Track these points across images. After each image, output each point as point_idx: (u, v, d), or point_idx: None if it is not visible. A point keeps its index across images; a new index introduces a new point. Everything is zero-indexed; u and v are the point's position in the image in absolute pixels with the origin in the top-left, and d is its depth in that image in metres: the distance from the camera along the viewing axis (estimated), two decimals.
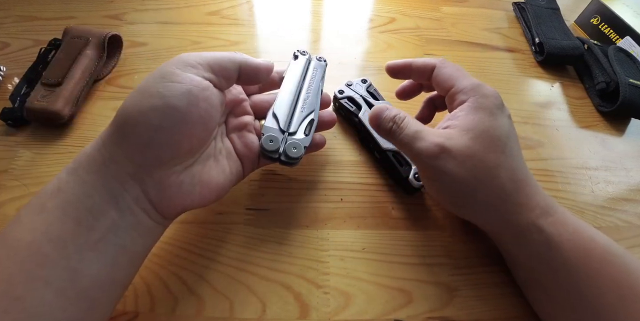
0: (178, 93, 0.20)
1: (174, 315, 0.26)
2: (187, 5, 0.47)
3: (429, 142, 0.24)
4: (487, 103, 0.25)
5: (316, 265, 0.28)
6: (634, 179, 0.36)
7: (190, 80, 0.21)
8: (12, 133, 0.34)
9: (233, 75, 0.24)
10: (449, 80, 0.27)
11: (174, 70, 0.21)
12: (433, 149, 0.24)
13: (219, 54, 0.24)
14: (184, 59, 0.22)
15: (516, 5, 0.51)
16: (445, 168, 0.24)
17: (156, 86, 0.20)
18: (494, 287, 0.28)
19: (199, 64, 0.22)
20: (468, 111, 0.25)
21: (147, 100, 0.20)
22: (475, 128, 0.24)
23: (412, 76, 0.31)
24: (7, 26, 0.43)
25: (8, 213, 0.30)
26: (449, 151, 0.24)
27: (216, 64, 0.23)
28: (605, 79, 0.41)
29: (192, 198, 0.23)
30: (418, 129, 0.25)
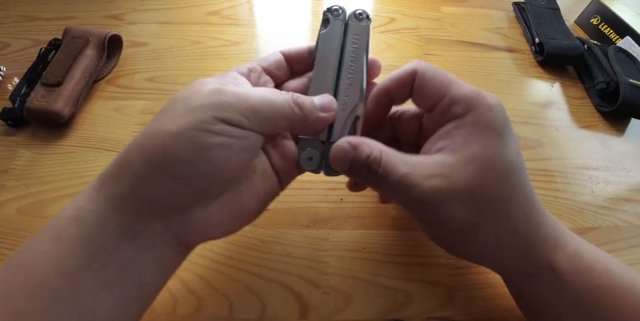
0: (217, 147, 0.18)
1: (174, 315, 0.26)
2: (187, 5, 0.47)
3: (424, 187, 0.19)
4: (492, 120, 0.20)
5: (316, 265, 0.28)
6: (634, 179, 0.36)
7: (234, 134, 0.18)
8: (12, 133, 0.34)
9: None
10: (439, 88, 0.21)
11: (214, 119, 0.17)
12: (432, 197, 0.19)
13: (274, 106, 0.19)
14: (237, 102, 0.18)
15: (516, 5, 0.51)
16: (449, 214, 0.19)
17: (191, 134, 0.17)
18: (494, 287, 0.28)
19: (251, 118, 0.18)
20: (469, 131, 0.20)
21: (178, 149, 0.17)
22: (480, 155, 0.19)
23: (394, 100, 0.24)
24: (7, 26, 0.43)
25: (8, 213, 0.30)
26: (451, 193, 0.19)
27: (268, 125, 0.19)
28: (605, 79, 0.41)
29: (221, 228, 0.20)
30: (404, 172, 0.19)
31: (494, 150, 0.20)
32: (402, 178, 0.19)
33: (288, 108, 0.19)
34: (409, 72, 0.22)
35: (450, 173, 0.19)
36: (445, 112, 0.21)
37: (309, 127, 0.21)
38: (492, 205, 0.20)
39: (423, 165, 0.20)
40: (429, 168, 0.20)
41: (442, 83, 0.21)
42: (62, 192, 0.31)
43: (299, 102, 0.20)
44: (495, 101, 0.21)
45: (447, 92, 0.21)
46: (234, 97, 0.18)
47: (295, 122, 0.20)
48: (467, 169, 0.19)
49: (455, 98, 0.21)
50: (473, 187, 0.19)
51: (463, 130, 0.20)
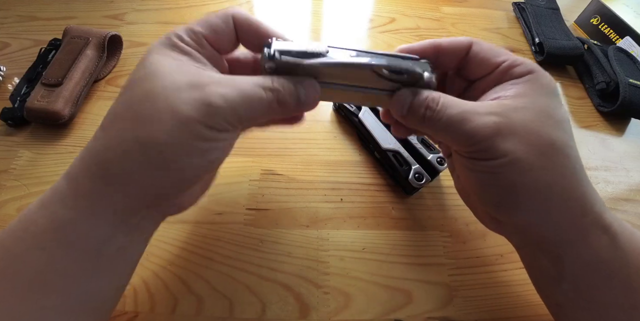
0: (216, 150, 0.19)
1: (174, 315, 0.26)
2: (187, 5, 0.47)
3: (481, 120, 0.19)
4: (550, 83, 0.21)
5: (316, 265, 0.28)
6: (634, 179, 0.36)
7: (227, 137, 0.19)
8: (12, 133, 0.34)
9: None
10: (497, 54, 0.22)
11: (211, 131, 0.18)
12: (489, 127, 0.19)
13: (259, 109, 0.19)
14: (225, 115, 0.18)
15: (516, 5, 0.51)
16: (505, 147, 0.19)
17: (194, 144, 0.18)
18: (494, 287, 0.28)
19: (239, 124, 0.19)
20: (528, 86, 0.21)
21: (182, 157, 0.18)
22: (540, 104, 0.20)
23: (439, 61, 0.24)
24: (7, 26, 0.43)
25: (8, 213, 0.30)
26: (509, 126, 0.19)
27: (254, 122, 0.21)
28: (605, 79, 0.41)
29: (195, 200, 0.23)
30: (462, 109, 0.20)
31: (553, 104, 0.20)
32: (460, 113, 0.20)
33: (270, 109, 0.19)
34: (465, 42, 0.23)
35: (509, 112, 0.19)
36: (505, 73, 0.21)
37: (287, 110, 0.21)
38: (548, 147, 0.19)
39: (481, 105, 0.20)
40: (488, 107, 0.20)
41: (500, 51, 0.22)
42: None
43: (283, 102, 0.20)
44: (546, 73, 0.21)
45: (507, 57, 0.22)
46: (220, 108, 0.18)
47: (276, 116, 0.21)
48: (527, 112, 0.19)
49: (517, 62, 0.21)
50: (532, 127, 0.19)
51: (522, 85, 0.21)
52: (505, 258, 0.30)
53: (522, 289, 0.28)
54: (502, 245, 0.30)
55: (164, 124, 0.17)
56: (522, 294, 0.28)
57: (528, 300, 0.28)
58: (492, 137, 0.19)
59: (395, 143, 0.32)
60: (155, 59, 0.19)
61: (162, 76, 0.18)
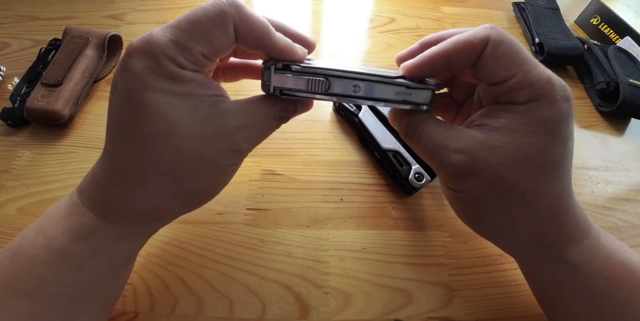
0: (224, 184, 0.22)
1: (174, 315, 0.26)
2: (187, 5, 0.47)
3: (448, 157, 0.20)
4: (548, 116, 0.19)
5: (316, 265, 0.28)
6: (633, 179, 0.36)
7: (236, 168, 0.22)
8: (12, 133, 0.34)
9: None
10: (509, 67, 0.19)
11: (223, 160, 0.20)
12: (452, 165, 0.20)
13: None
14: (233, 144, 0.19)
15: (516, 5, 0.51)
16: (465, 185, 0.20)
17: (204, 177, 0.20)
18: (494, 287, 0.28)
19: (248, 148, 0.21)
20: (519, 115, 0.19)
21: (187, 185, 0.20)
22: (518, 141, 0.19)
23: (452, 67, 0.20)
24: (7, 26, 0.43)
25: (8, 213, 0.30)
26: (472, 167, 0.19)
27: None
28: (605, 79, 0.41)
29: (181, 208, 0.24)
30: (434, 142, 0.20)
31: (542, 144, 0.19)
32: (432, 145, 0.21)
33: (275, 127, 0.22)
34: (481, 38, 0.19)
35: (479, 152, 0.19)
36: (505, 94, 0.19)
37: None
38: (511, 193, 0.20)
39: (455, 138, 0.20)
40: (460, 142, 0.20)
41: (515, 61, 0.19)
42: (62, 192, 0.31)
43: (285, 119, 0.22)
44: (562, 95, 0.19)
45: (516, 73, 0.19)
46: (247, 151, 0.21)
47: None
48: (500, 153, 0.19)
49: (523, 84, 0.19)
50: (497, 170, 0.19)
51: (515, 116, 0.19)
52: (505, 258, 0.30)
53: (522, 289, 0.28)
54: None
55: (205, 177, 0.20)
56: (522, 294, 0.28)
57: (528, 300, 0.28)
58: (454, 174, 0.20)
59: (395, 143, 0.32)
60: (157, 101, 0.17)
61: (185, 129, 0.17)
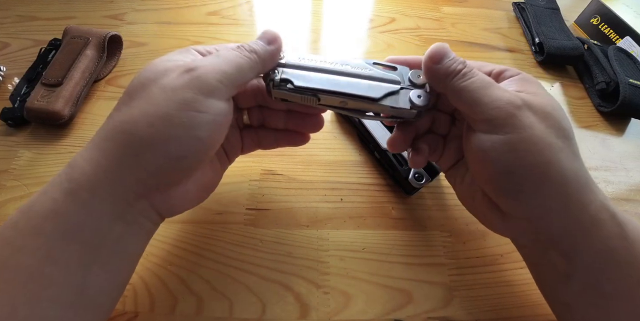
0: (203, 125, 0.19)
1: (174, 315, 0.26)
2: (187, 5, 0.47)
3: (509, 92, 0.21)
4: (536, 81, 0.23)
5: (316, 265, 0.28)
6: (633, 179, 0.36)
7: (214, 109, 0.19)
8: (12, 133, 0.34)
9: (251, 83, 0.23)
10: (485, 65, 0.24)
11: (196, 96, 0.18)
12: (515, 99, 0.20)
13: (239, 64, 0.20)
14: (206, 79, 0.19)
15: (516, 5, 0.51)
16: (528, 121, 0.19)
17: (178, 114, 0.18)
18: (494, 287, 0.28)
19: (223, 86, 0.19)
20: (525, 81, 0.22)
21: (168, 129, 0.18)
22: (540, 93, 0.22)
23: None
24: (7, 26, 0.43)
25: (8, 213, 0.30)
26: (533, 104, 0.20)
27: (240, 81, 0.21)
28: (605, 78, 0.41)
29: (194, 202, 0.23)
30: (490, 79, 0.21)
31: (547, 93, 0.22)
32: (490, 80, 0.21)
33: (250, 62, 0.21)
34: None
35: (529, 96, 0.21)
36: (499, 76, 0.24)
37: (268, 66, 0.22)
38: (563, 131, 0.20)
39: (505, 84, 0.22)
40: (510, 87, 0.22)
41: (484, 62, 0.24)
42: None
43: (253, 49, 0.21)
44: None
45: (494, 66, 0.24)
46: (206, 71, 0.19)
47: (258, 69, 0.22)
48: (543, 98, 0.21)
49: (503, 68, 0.24)
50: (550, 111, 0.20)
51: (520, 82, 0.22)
52: (505, 258, 0.30)
53: (522, 289, 0.28)
54: (502, 245, 0.30)
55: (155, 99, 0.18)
56: (522, 294, 0.28)
57: (528, 300, 0.28)
58: (517, 108, 0.20)
59: None
60: (160, 58, 0.21)
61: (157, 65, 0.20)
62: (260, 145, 0.28)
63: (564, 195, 0.20)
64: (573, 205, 0.20)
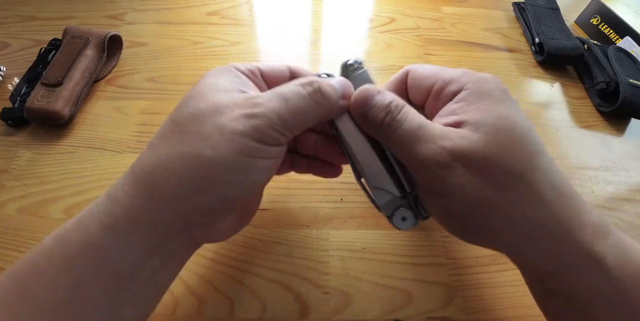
0: (261, 169, 0.18)
1: (174, 315, 0.26)
2: (187, 5, 0.47)
3: (436, 145, 0.18)
4: (490, 88, 0.19)
5: (316, 265, 0.28)
6: (633, 179, 0.36)
7: (273, 155, 0.18)
8: (12, 133, 0.34)
9: None
10: (428, 77, 0.21)
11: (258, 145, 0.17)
12: (441, 156, 0.18)
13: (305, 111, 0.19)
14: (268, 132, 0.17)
15: (516, 5, 0.51)
16: (457, 181, 0.18)
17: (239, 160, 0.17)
18: (494, 287, 0.28)
19: (284, 137, 0.18)
20: (469, 99, 0.19)
21: (224, 175, 0.17)
22: (487, 119, 0.18)
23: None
24: (7, 26, 0.43)
25: (8, 213, 0.30)
26: (462, 157, 0.18)
27: (302, 129, 0.19)
28: (605, 79, 0.41)
29: (234, 230, 0.22)
30: (420, 123, 0.19)
31: (499, 113, 0.18)
32: (417, 129, 0.18)
33: (317, 109, 0.19)
34: (402, 73, 0.23)
35: (461, 139, 0.18)
36: (439, 94, 0.20)
37: (333, 116, 0.21)
38: (508, 176, 0.17)
39: (436, 126, 0.19)
40: (442, 131, 0.18)
41: (431, 71, 0.21)
42: (62, 192, 0.31)
43: (326, 94, 0.19)
44: (488, 75, 0.20)
45: (437, 77, 0.21)
46: (268, 120, 0.17)
47: (322, 117, 0.20)
48: (476, 134, 0.18)
49: (447, 79, 0.20)
50: (486, 153, 0.17)
51: (464, 101, 0.19)
52: (505, 258, 0.29)
53: (522, 289, 0.28)
54: None
55: (212, 140, 0.17)
56: (522, 294, 0.28)
57: (528, 300, 0.28)
58: (443, 167, 0.18)
59: None
60: (205, 80, 0.19)
61: (209, 96, 0.18)
62: (294, 167, 0.26)
63: (525, 244, 0.19)
64: (541, 251, 0.19)
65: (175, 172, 0.17)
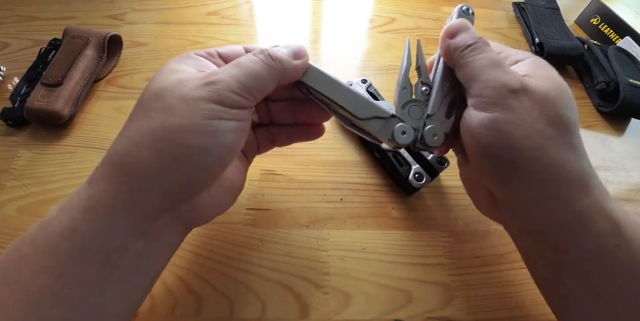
0: (229, 132, 0.18)
1: (174, 315, 0.26)
2: (187, 5, 0.47)
3: (512, 74, 0.20)
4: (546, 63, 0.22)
5: (316, 265, 0.28)
6: (633, 179, 0.36)
7: (239, 117, 0.19)
8: (12, 133, 0.34)
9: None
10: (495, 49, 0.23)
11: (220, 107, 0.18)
12: (514, 83, 0.20)
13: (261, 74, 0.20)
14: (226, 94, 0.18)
15: (516, 5, 0.51)
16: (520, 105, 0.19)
17: (206, 124, 0.18)
18: (494, 287, 0.28)
19: (244, 99, 0.19)
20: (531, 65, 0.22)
21: (196, 141, 0.17)
22: (548, 76, 0.21)
23: None
24: (7, 26, 0.43)
25: (8, 213, 0.30)
26: (529, 90, 0.19)
27: (263, 92, 0.20)
28: (605, 79, 0.41)
29: (221, 207, 0.22)
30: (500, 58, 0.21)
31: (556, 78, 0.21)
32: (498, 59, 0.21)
33: (272, 71, 0.20)
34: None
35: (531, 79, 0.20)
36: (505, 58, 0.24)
37: (290, 79, 0.22)
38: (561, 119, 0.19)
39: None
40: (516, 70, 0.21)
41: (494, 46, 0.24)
42: (62, 192, 0.31)
43: (278, 58, 0.20)
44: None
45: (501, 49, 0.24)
46: (226, 85, 0.18)
47: (278, 80, 0.21)
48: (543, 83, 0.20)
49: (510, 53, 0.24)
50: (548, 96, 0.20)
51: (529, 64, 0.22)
52: (505, 258, 0.30)
53: (522, 289, 0.28)
54: (502, 245, 0.30)
55: (176, 110, 0.18)
56: (522, 294, 0.28)
57: (528, 300, 0.28)
58: (511, 91, 0.19)
59: None
60: (166, 67, 0.20)
61: (170, 76, 0.19)
62: (276, 142, 0.27)
63: (545, 187, 0.19)
64: (557, 199, 0.19)
65: (147, 148, 0.17)
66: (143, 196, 0.17)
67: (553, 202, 0.20)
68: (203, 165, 0.18)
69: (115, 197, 0.17)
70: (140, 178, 0.17)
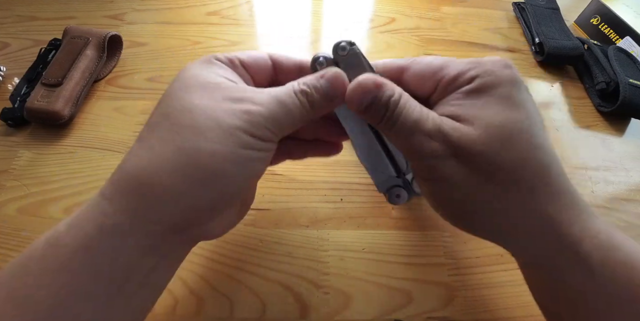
0: (257, 162, 0.18)
1: (174, 315, 0.26)
2: (187, 5, 0.47)
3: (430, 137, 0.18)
4: (497, 81, 0.19)
5: (316, 265, 0.28)
6: (633, 179, 0.36)
7: (267, 147, 0.19)
8: (12, 133, 0.34)
9: None
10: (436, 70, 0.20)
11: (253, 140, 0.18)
12: (435, 147, 0.18)
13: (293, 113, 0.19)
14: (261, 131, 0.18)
15: (516, 5, 0.51)
16: (448, 171, 0.18)
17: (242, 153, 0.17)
18: (494, 287, 0.28)
19: (275, 136, 0.19)
20: (472, 93, 0.19)
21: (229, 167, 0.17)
22: (482, 114, 0.18)
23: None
24: (7, 26, 0.43)
25: (8, 213, 0.30)
26: (455, 149, 0.18)
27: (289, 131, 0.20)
28: (605, 79, 0.41)
29: (231, 225, 0.22)
30: (417, 118, 0.19)
31: (497, 110, 0.18)
32: (414, 123, 0.18)
33: (306, 116, 0.20)
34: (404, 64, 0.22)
35: (454, 131, 0.18)
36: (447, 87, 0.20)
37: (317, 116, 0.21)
38: (501, 171, 0.18)
39: (433, 119, 0.19)
40: (438, 123, 0.19)
41: (438, 64, 0.20)
42: (62, 192, 0.31)
43: (313, 98, 0.19)
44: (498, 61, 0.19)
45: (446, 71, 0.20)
46: (262, 118, 0.18)
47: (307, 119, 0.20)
48: (471, 130, 0.18)
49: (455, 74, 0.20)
50: (477, 147, 0.18)
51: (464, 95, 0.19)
52: (505, 258, 0.30)
53: (522, 289, 0.28)
54: None
55: (209, 134, 0.17)
56: (522, 294, 0.28)
57: (528, 300, 0.28)
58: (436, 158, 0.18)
59: None
60: (190, 73, 0.19)
61: (199, 89, 0.18)
62: (290, 156, 0.26)
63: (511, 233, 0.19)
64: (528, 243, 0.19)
65: (173, 168, 0.16)
66: (161, 217, 0.17)
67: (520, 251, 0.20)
68: (227, 192, 0.18)
69: (132, 215, 0.17)
70: (161, 199, 0.17)
